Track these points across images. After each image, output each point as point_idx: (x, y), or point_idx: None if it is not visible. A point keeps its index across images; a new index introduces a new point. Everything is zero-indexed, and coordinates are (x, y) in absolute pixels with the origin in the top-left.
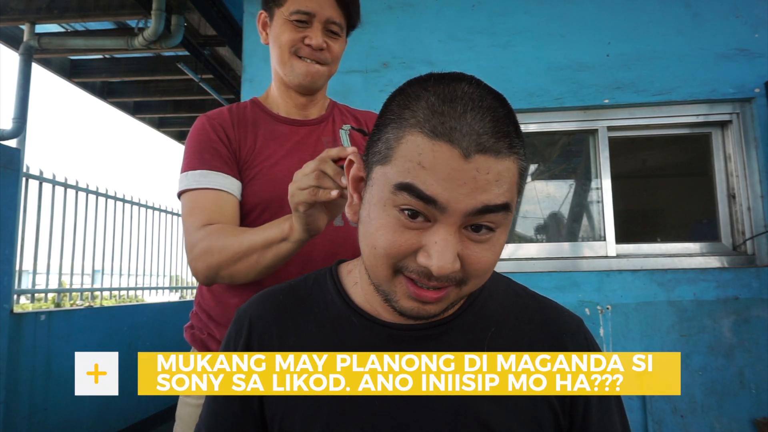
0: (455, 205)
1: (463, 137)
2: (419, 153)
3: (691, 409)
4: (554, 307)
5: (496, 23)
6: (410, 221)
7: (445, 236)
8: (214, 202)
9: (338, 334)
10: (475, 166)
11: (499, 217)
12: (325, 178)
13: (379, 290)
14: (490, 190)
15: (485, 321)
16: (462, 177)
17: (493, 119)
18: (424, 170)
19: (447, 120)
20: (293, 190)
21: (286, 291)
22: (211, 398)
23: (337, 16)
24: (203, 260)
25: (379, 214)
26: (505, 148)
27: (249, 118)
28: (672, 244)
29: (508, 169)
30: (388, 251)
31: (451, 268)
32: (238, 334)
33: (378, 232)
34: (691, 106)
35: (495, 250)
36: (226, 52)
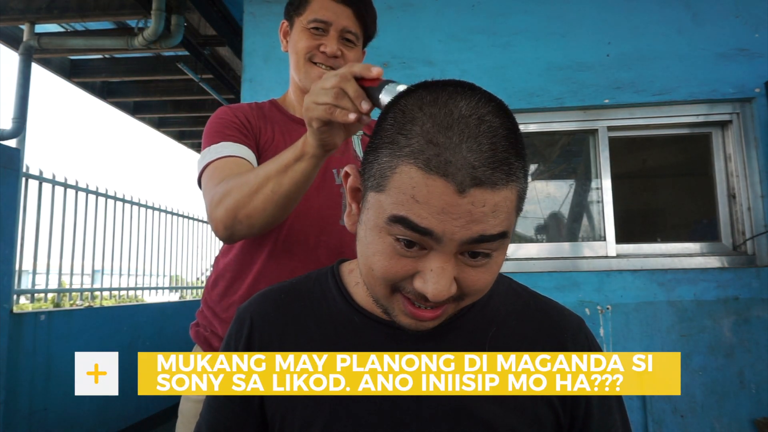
0: (451, 236)
1: (458, 171)
2: (413, 186)
3: (691, 409)
4: (555, 307)
5: (496, 23)
6: (406, 250)
7: (441, 264)
8: (234, 165)
9: (339, 332)
10: (470, 200)
11: (495, 245)
12: (345, 98)
13: (378, 304)
14: (486, 221)
15: (486, 320)
16: (457, 211)
17: (491, 147)
18: (418, 204)
19: (442, 152)
20: (308, 103)
21: (287, 289)
22: (212, 396)
23: (354, 26)
24: (222, 205)
25: (375, 240)
26: (502, 179)
27: (267, 114)
28: (672, 244)
29: (506, 199)
30: (384, 276)
31: (447, 293)
32: (239, 332)
33: (374, 257)
34: (691, 106)
35: (492, 271)
36: (226, 52)
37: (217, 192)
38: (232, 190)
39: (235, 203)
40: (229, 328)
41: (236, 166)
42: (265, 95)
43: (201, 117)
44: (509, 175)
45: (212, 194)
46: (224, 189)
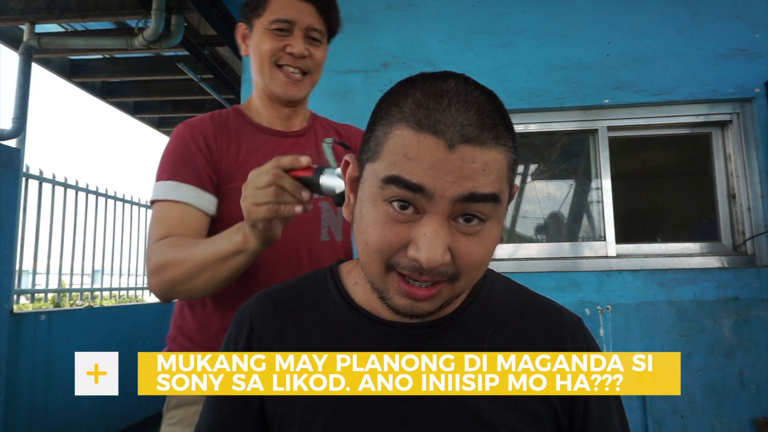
0: (442, 192)
1: (447, 129)
2: (405, 145)
3: (691, 409)
4: (554, 307)
5: (496, 23)
6: (400, 213)
7: (434, 227)
8: (178, 214)
9: (338, 332)
10: (459, 156)
11: (487, 208)
12: (284, 193)
13: (375, 288)
14: (477, 178)
15: (485, 319)
16: (447, 166)
17: (478, 112)
18: (410, 161)
19: (432, 113)
20: (248, 206)
21: (286, 290)
22: (212, 396)
23: (318, 23)
24: (158, 276)
25: (370, 210)
26: (490, 139)
27: (231, 127)
28: (672, 244)
29: (496, 160)
30: (379, 246)
31: (440, 259)
32: (239, 333)
33: (369, 228)
34: (691, 106)
35: (486, 244)
36: (226, 52)
37: (152, 260)
38: (168, 265)
39: (173, 279)
40: (229, 328)
41: (179, 219)
42: None
43: None
44: (497, 138)
45: (149, 254)
46: (158, 260)
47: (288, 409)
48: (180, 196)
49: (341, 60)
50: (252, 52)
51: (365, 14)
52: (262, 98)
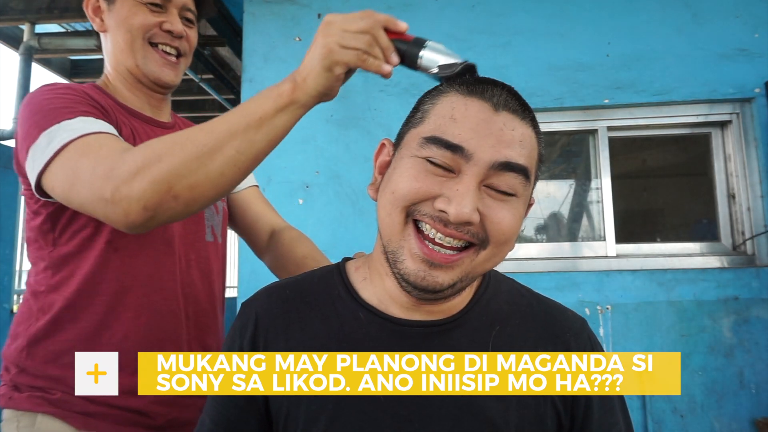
0: (481, 154)
1: (494, 95)
2: (453, 107)
3: (691, 409)
4: (558, 308)
5: (496, 23)
6: (435, 168)
7: (467, 185)
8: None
9: (345, 328)
10: (503, 119)
11: (518, 182)
12: (376, 47)
13: (388, 252)
14: (514, 147)
15: (490, 319)
16: (490, 128)
17: (517, 97)
18: (455, 122)
19: (480, 84)
20: (332, 45)
21: (292, 286)
22: None
23: (191, 3)
24: (145, 176)
25: (405, 166)
26: (527, 115)
27: (105, 104)
28: (672, 244)
29: (531, 137)
30: (406, 194)
31: (468, 215)
32: (244, 327)
33: (400, 179)
34: (691, 106)
35: (515, 214)
36: (226, 52)
37: (129, 161)
38: (163, 154)
39: (171, 171)
40: (233, 323)
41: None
42: None
43: (201, 117)
44: (533, 121)
45: (111, 164)
46: (145, 154)
47: (292, 405)
48: (103, 128)
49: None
50: (116, 26)
51: None
52: (126, 80)
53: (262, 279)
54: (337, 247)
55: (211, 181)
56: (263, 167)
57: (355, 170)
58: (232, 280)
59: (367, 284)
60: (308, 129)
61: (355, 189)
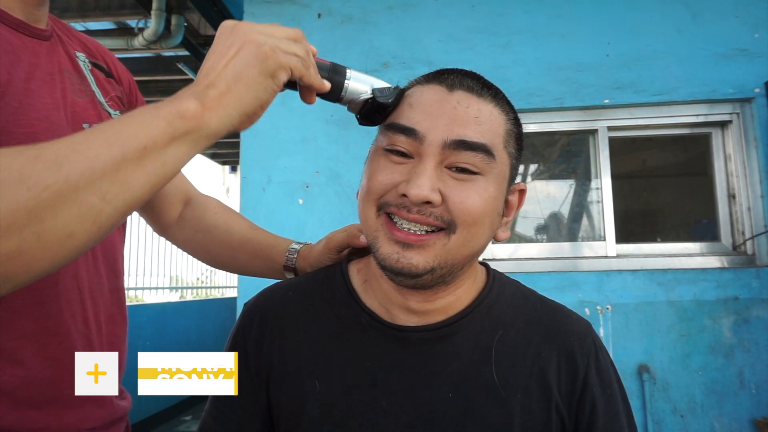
0: (434, 134)
1: (449, 78)
2: (410, 96)
3: (691, 409)
4: (563, 311)
5: (496, 23)
6: (396, 157)
7: (424, 165)
8: None
9: (346, 332)
10: (456, 98)
11: (478, 160)
12: (311, 58)
13: (370, 242)
14: (468, 125)
15: (493, 323)
16: (443, 107)
17: (484, 80)
18: (411, 107)
19: (442, 72)
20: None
21: (296, 287)
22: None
23: None
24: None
25: (372, 162)
26: (488, 94)
27: None
28: (672, 244)
29: (491, 113)
30: (374, 187)
31: (426, 194)
32: (248, 328)
33: (368, 176)
34: (691, 106)
35: (480, 195)
36: None
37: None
38: (30, 173)
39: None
40: (236, 324)
41: None
42: None
43: None
44: (495, 97)
45: None
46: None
47: (295, 408)
48: None
49: (341, 60)
50: None
51: (365, 14)
52: None
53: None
54: None
55: (49, 245)
56: (263, 167)
57: (355, 170)
58: (232, 280)
59: (367, 287)
60: (308, 129)
61: (355, 189)
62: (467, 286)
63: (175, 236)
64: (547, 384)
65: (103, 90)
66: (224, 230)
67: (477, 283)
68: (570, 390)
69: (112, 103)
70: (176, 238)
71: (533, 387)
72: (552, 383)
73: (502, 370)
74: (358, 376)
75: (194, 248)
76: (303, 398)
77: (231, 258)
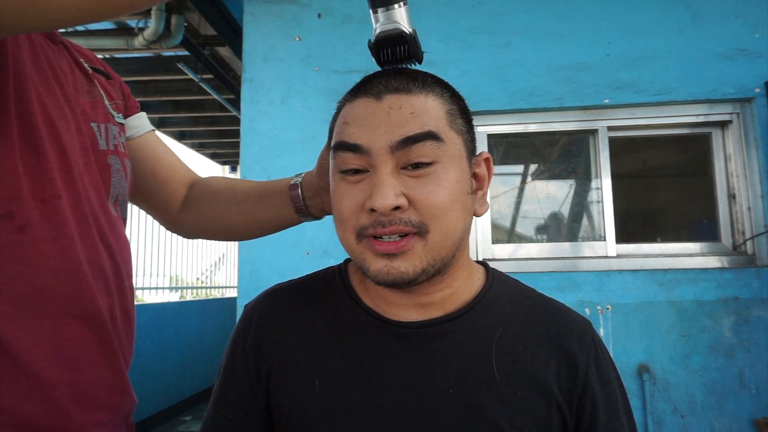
0: (377, 145)
1: (375, 86)
2: (344, 115)
3: (691, 409)
4: (562, 309)
5: (496, 23)
6: (352, 176)
7: (380, 176)
8: None
9: (345, 331)
10: (387, 104)
11: (429, 149)
12: None
13: (357, 265)
14: (407, 123)
15: (493, 321)
16: (377, 117)
17: (408, 73)
18: (348, 126)
19: (365, 84)
20: None
21: (295, 288)
22: (219, 392)
23: None
24: None
25: (333, 187)
26: (416, 86)
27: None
28: (672, 244)
29: (424, 103)
30: (344, 215)
31: (392, 201)
32: (247, 329)
33: (335, 202)
34: (691, 106)
35: (442, 185)
36: (226, 52)
37: None
38: None
39: None
40: (236, 325)
41: None
42: (265, 95)
43: (201, 117)
44: (424, 86)
45: None
46: None
47: (294, 408)
48: None
49: (341, 60)
50: None
51: (365, 14)
52: None
53: (262, 279)
54: (337, 247)
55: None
56: (263, 167)
57: None
58: (232, 280)
59: (367, 285)
60: (308, 129)
61: None
62: (464, 280)
63: (184, 220)
64: (547, 381)
65: (107, 94)
66: (228, 190)
67: (476, 281)
68: (570, 388)
69: (115, 106)
70: (185, 222)
71: (534, 384)
72: (552, 381)
73: (502, 366)
74: (358, 373)
75: (205, 223)
76: (303, 398)
77: (240, 213)
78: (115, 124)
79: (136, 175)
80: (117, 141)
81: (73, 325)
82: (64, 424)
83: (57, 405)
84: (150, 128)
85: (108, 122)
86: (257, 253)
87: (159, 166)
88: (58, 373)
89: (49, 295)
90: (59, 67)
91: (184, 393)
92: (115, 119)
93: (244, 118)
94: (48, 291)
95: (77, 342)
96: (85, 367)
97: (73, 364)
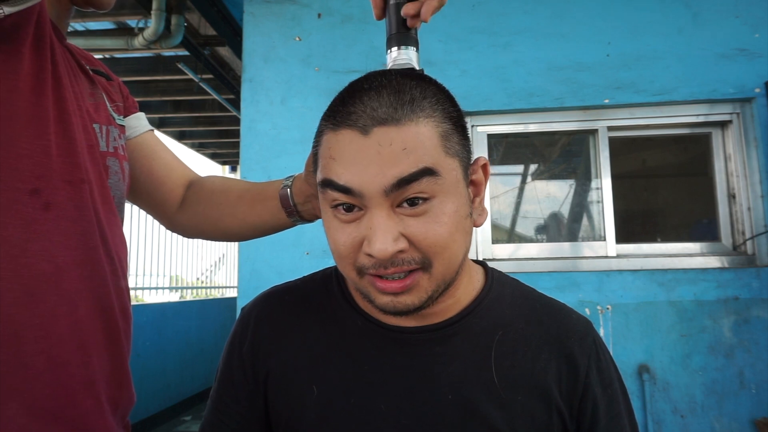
0: (370, 189)
1: (359, 117)
2: (329, 147)
3: (691, 409)
4: (563, 310)
5: (496, 23)
6: (345, 215)
7: (377, 219)
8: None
9: (343, 335)
10: (376, 140)
11: (425, 185)
12: None
13: (360, 292)
14: (400, 162)
15: (492, 324)
16: (366, 156)
17: (393, 92)
18: (335, 161)
19: (347, 108)
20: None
21: (292, 291)
22: (216, 397)
23: None
24: None
25: (325, 219)
26: (406, 114)
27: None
28: (672, 244)
29: (417, 135)
30: (341, 253)
31: (392, 248)
32: (243, 333)
33: (329, 236)
34: (691, 106)
35: (442, 221)
36: (226, 52)
37: None
38: None
39: None
40: (233, 329)
41: None
42: (265, 95)
43: (201, 117)
44: (414, 111)
45: None
46: None
47: (293, 412)
48: None
49: (341, 60)
50: None
51: (365, 14)
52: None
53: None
54: None
55: None
56: (263, 166)
57: None
58: (232, 280)
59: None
60: (308, 129)
61: None
62: (465, 287)
63: (180, 221)
64: (547, 385)
65: (108, 96)
66: (222, 192)
67: (475, 284)
68: (571, 391)
69: (116, 108)
70: (182, 223)
71: (534, 388)
72: (553, 384)
73: (502, 371)
74: (356, 379)
75: (200, 225)
76: (301, 403)
77: (233, 217)
78: (115, 126)
79: (134, 175)
80: (117, 143)
81: (86, 307)
82: (71, 405)
83: (67, 385)
84: (148, 128)
85: (109, 124)
86: (257, 253)
87: (156, 166)
88: (72, 352)
89: (69, 275)
90: (65, 65)
91: (184, 393)
92: (116, 121)
93: (244, 118)
94: (66, 269)
95: (88, 325)
96: (93, 351)
97: (84, 346)
